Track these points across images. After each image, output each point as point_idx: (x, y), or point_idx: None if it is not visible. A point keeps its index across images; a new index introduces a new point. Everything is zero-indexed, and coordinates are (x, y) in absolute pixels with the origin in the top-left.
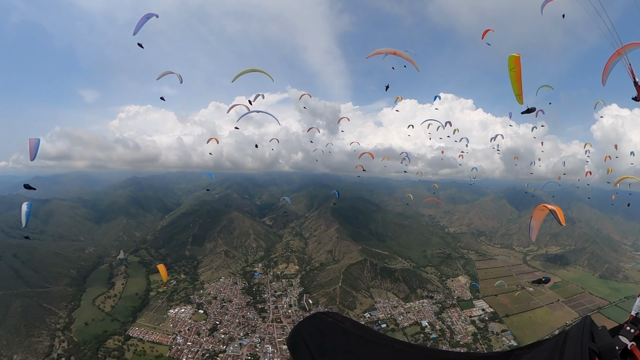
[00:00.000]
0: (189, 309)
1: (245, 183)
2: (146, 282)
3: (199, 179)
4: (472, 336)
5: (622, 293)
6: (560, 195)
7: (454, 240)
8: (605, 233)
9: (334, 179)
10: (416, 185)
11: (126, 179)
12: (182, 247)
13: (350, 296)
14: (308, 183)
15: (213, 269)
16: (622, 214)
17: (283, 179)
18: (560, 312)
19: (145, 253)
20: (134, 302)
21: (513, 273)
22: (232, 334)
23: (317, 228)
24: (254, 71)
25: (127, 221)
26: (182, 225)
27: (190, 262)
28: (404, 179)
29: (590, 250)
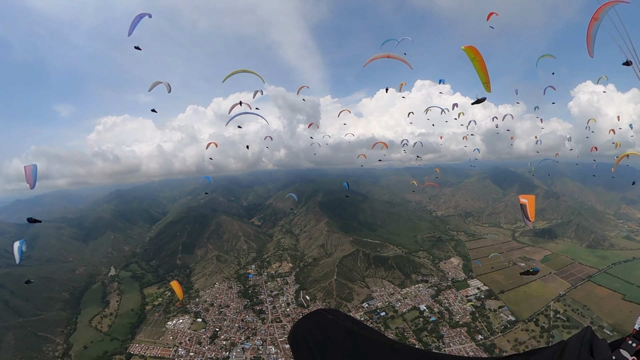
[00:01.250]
0: (187, 319)
1: (230, 185)
2: (141, 296)
3: (183, 186)
4: (470, 315)
5: (610, 260)
6: (543, 170)
7: (442, 223)
8: (589, 204)
9: (319, 173)
10: (400, 173)
11: (109, 193)
12: (173, 256)
13: (347, 288)
14: (293, 179)
15: (206, 276)
16: (603, 185)
17: (268, 177)
18: (553, 284)
19: (137, 267)
20: (131, 319)
21: (503, 250)
22: (234, 339)
23: (307, 224)
24: (244, 72)
25: (114, 236)
26: (170, 235)
27: (182, 271)
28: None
29: (576, 222)
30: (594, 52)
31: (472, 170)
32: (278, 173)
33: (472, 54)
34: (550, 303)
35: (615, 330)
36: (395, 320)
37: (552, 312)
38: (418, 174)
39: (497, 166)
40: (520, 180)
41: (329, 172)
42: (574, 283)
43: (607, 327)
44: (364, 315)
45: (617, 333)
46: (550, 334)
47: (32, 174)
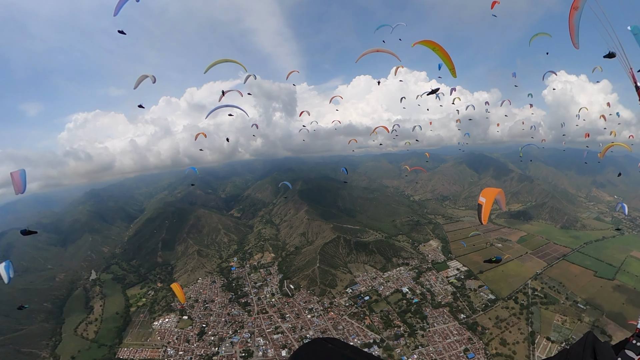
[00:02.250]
0: (173, 318)
1: (206, 177)
2: (124, 298)
3: (159, 181)
4: (452, 295)
5: (582, 240)
6: (517, 156)
7: (420, 208)
8: (562, 188)
9: (297, 161)
10: (377, 159)
11: (84, 194)
12: (153, 254)
13: (330, 275)
14: (271, 169)
15: (189, 272)
16: (575, 170)
17: (245, 167)
18: (530, 263)
19: (117, 268)
20: (117, 322)
21: (480, 232)
22: (221, 334)
23: (287, 213)
24: (226, 61)
25: (92, 238)
26: (149, 232)
27: (164, 268)
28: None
29: (550, 205)
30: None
31: (448, 156)
32: (255, 163)
33: (432, 45)
34: (527, 281)
35: (589, 305)
36: (379, 303)
37: (530, 289)
38: (395, 159)
39: (472, 151)
40: (495, 165)
41: (307, 161)
42: (550, 262)
43: (581, 301)
44: (348, 300)
45: (589, 306)
46: (530, 311)
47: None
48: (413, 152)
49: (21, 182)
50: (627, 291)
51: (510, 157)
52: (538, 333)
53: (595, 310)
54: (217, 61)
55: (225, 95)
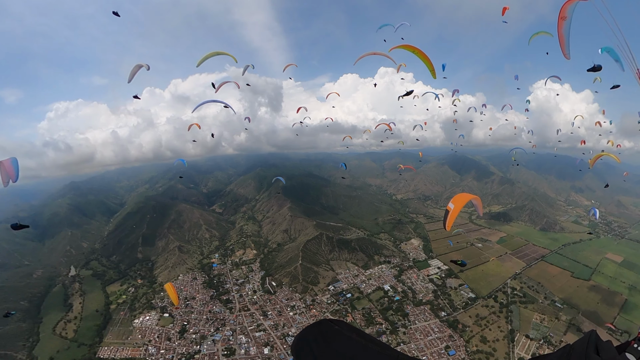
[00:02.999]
0: (154, 315)
1: (189, 171)
2: (104, 295)
3: (140, 174)
4: (432, 293)
5: (560, 242)
6: (499, 159)
7: (402, 207)
8: (542, 191)
9: (281, 157)
10: (361, 158)
11: (64, 186)
12: (133, 250)
13: (312, 272)
14: (254, 164)
15: (169, 268)
16: (555, 174)
17: (228, 162)
18: (510, 263)
19: (97, 264)
20: (97, 320)
21: (461, 232)
22: (203, 331)
23: (270, 209)
24: (219, 54)
25: (72, 233)
26: (129, 227)
27: (144, 264)
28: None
29: (530, 207)
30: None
31: (430, 156)
32: (239, 158)
33: (411, 49)
34: (507, 281)
35: (566, 304)
36: (361, 301)
37: (510, 289)
38: (379, 158)
39: (454, 154)
40: (477, 167)
41: (291, 157)
42: (529, 262)
43: (559, 301)
44: (330, 297)
45: (566, 305)
46: (509, 309)
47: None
48: (397, 151)
49: (14, 170)
50: (601, 291)
51: (492, 160)
52: (517, 331)
53: (572, 309)
54: (211, 54)
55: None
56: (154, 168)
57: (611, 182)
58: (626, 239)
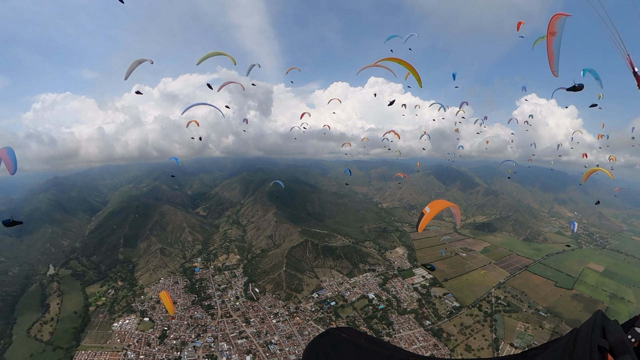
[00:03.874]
0: (134, 319)
1: (174, 172)
2: (83, 296)
3: (124, 172)
4: (417, 302)
5: (544, 252)
6: (484, 170)
7: (388, 215)
8: (526, 203)
9: (268, 162)
10: (348, 165)
11: (47, 181)
12: (115, 250)
13: (296, 279)
14: (241, 168)
15: (151, 271)
16: (539, 186)
17: (214, 165)
18: (494, 273)
19: (77, 263)
20: (74, 323)
21: (445, 241)
22: (184, 337)
23: (255, 214)
24: (219, 54)
25: (52, 230)
26: (111, 226)
27: (125, 266)
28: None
29: (514, 218)
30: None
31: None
32: (225, 161)
33: (397, 61)
34: (491, 290)
35: (550, 312)
36: (345, 309)
37: (494, 298)
38: (365, 167)
39: (441, 164)
40: (462, 178)
41: (279, 162)
42: (512, 272)
43: (542, 309)
44: (314, 305)
45: (550, 314)
46: (493, 318)
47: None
48: (383, 160)
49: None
50: (584, 300)
51: (477, 172)
52: (502, 339)
53: (555, 318)
54: (211, 53)
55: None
56: (138, 167)
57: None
58: (607, 249)
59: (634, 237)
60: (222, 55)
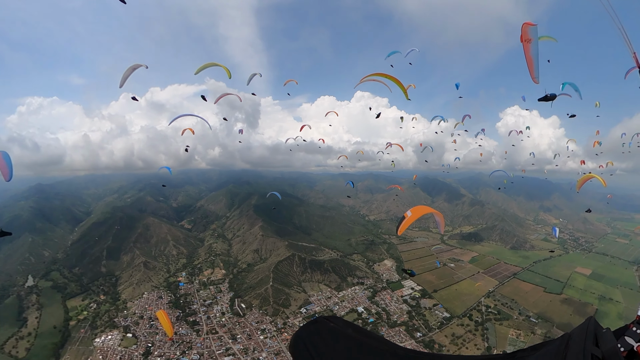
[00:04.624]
0: (117, 335)
1: (159, 184)
2: (63, 310)
3: (109, 183)
4: (407, 314)
5: (531, 259)
6: (469, 181)
7: (375, 227)
8: (511, 212)
9: (254, 174)
10: (335, 178)
11: (29, 187)
12: (97, 263)
13: (283, 294)
14: (227, 180)
15: (134, 285)
16: (524, 195)
17: (200, 177)
18: (482, 282)
19: (58, 275)
20: (54, 338)
21: (433, 252)
22: (168, 354)
23: (240, 227)
24: (215, 65)
25: (32, 239)
26: (94, 238)
27: (108, 279)
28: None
29: (500, 227)
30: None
31: (402, 178)
32: (211, 173)
33: (385, 76)
34: (481, 299)
35: (540, 318)
36: None
37: (484, 307)
38: (352, 179)
39: (427, 176)
40: (448, 189)
41: (265, 175)
42: (501, 280)
43: (533, 316)
44: (302, 320)
45: (541, 320)
46: (485, 327)
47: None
48: (369, 173)
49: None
50: (573, 303)
51: (463, 183)
52: (494, 348)
53: (546, 323)
54: (208, 64)
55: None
56: (123, 178)
57: (578, 202)
58: (593, 253)
59: (618, 239)
60: (218, 66)
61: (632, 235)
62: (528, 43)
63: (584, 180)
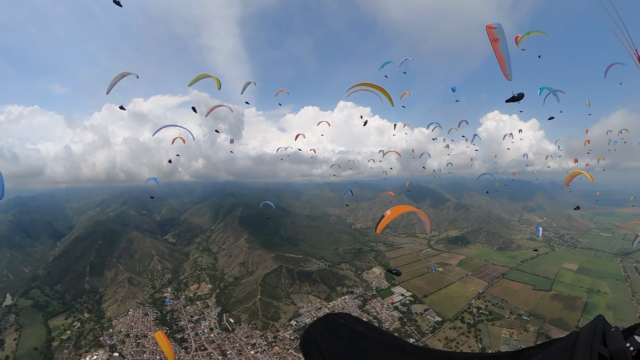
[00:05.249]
0: (102, 355)
1: (142, 197)
2: (45, 330)
3: (91, 196)
4: (399, 321)
5: (518, 259)
6: (453, 186)
7: (362, 235)
8: (496, 214)
9: (239, 186)
10: (320, 188)
11: (8, 200)
12: (80, 279)
13: (272, 307)
14: (211, 193)
15: (119, 302)
16: (507, 197)
17: (183, 189)
18: (472, 284)
19: (39, 293)
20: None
21: (421, 257)
22: None
23: (226, 240)
24: (207, 76)
25: (11, 254)
26: (77, 253)
27: (92, 296)
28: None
29: (485, 229)
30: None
31: (387, 186)
32: (195, 185)
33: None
34: (471, 301)
35: (532, 315)
36: None
37: (475, 308)
38: (337, 188)
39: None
40: (432, 195)
41: (250, 186)
42: (490, 281)
43: (524, 314)
44: (293, 333)
45: (532, 317)
46: (477, 328)
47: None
48: (354, 182)
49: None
50: (563, 298)
51: (446, 188)
52: (489, 348)
53: (538, 320)
54: (201, 75)
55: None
56: (106, 190)
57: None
58: (578, 248)
59: (601, 233)
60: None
61: (615, 228)
62: (496, 42)
63: (572, 176)
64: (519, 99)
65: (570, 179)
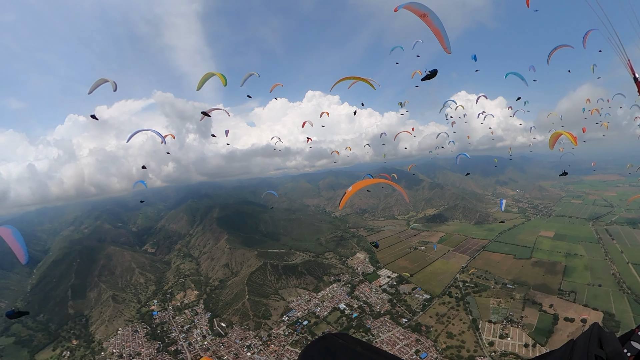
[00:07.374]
0: None
1: (115, 209)
2: None
3: (63, 215)
4: (389, 303)
5: (496, 231)
6: (426, 167)
7: (342, 223)
8: (470, 190)
9: (213, 186)
10: (296, 180)
11: None
12: (63, 304)
13: (262, 305)
14: (185, 196)
15: (106, 322)
16: (480, 173)
17: (156, 196)
18: (454, 259)
19: (21, 327)
20: None
21: (402, 238)
22: None
23: (206, 244)
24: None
25: None
26: (55, 278)
27: (77, 321)
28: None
29: (462, 206)
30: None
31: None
32: (167, 190)
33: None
34: (456, 275)
35: (516, 283)
36: (319, 325)
37: (461, 282)
38: (313, 179)
39: (384, 166)
40: (406, 177)
41: (224, 185)
42: (472, 255)
43: (509, 282)
44: (286, 329)
45: (517, 285)
46: (466, 301)
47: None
48: (329, 171)
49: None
50: (544, 264)
51: (420, 169)
52: (479, 319)
53: (522, 287)
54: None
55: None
56: (78, 207)
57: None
58: (553, 216)
59: (572, 200)
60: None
61: (584, 195)
62: (426, 17)
63: (556, 137)
64: (433, 75)
65: (555, 140)
